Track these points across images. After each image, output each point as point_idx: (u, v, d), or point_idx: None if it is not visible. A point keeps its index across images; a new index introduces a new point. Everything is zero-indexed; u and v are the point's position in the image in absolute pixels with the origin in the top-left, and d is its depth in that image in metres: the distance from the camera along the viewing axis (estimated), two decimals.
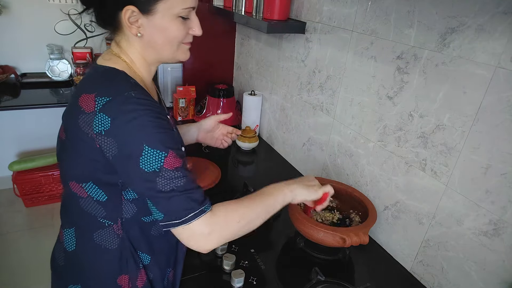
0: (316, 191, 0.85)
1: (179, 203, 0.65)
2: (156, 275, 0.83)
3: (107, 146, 0.64)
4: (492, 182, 0.80)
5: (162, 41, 0.72)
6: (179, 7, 0.69)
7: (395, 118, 1.02)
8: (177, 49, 0.75)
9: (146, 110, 0.64)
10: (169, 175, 0.64)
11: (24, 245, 2.13)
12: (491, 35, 0.75)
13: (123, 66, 0.73)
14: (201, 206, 0.66)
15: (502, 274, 0.80)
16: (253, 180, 1.35)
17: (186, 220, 0.65)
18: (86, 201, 0.73)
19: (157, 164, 0.63)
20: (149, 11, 0.68)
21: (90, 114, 0.63)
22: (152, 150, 0.63)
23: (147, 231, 0.80)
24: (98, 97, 0.63)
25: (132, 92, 0.64)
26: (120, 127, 0.62)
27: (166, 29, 0.70)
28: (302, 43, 1.40)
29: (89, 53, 2.40)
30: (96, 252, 0.76)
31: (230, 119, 1.84)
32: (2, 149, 2.47)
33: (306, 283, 0.91)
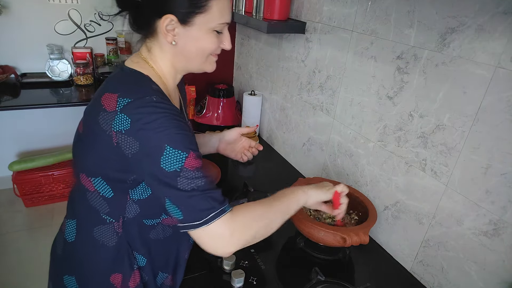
0: (328, 190, 0.86)
1: (199, 203, 0.65)
2: (150, 278, 0.83)
3: (126, 144, 0.65)
4: (492, 182, 0.80)
5: (194, 52, 0.75)
6: (216, 21, 0.72)
7: (395, 118, 1.02)
8: (206, 60, 0.78)
9: (166, 113, 0.65)
10: (189, 175, 0.64)
11: (24, 245, 2.13)
12: (491, 35, 0.75)
13: (149, 71, 0.75)
14: (222, 206, 0.66)
15: (502, 274, 0.80)
16: (253, 180, 1.35)
17: (206, 221, 0.64)
18: (92, 195, 0.75)
19: (178, 164, 0.64)
20: (187, 22, 0.70)
21: (111, 113, 0.65)
22: (173, 150, 0.64)
23: (146, 234, 0.80)
24: (120, 97, 0.65)
25: (154, 96, 0.66)
26: (142, 127, 0.64)
27: (200, 41, 0.73)
28: (302, 43, 1.40)
29: (89, 53, 2.40)
30: (94, 246, 0.77)
31: (230, 119, 1.84)
32: (2, 149, 2.47)
33: (306, 283, 0.91)
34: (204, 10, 0.69)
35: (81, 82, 2.33)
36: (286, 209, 0.78)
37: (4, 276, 1.89)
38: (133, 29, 0.77)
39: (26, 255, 2.04)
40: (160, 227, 0.82)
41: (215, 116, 1.82)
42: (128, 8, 0.74)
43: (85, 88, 2.33)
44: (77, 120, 0.78)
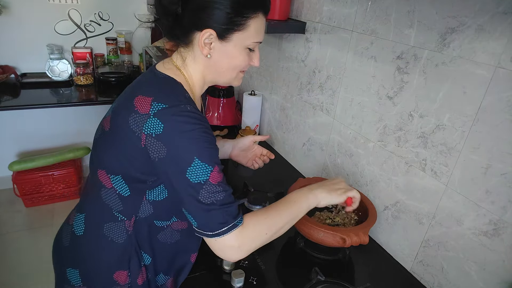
0: (339, 195, 0.84)
1: (215, 216, 0.68)
2: (152, 277, 0.84)
3: (154, 148, 0.66)
4: (492, 182, 0.80)
5: (227, 67, 0.77)
6: (251, 40, 0.75)
7: (395, 118, 1.02)
8: (235, 76, 0.80)
9: (199, 125, 0.67)
10: (212, 189, 0.67)
11: (24, 245, 2.13)
12: (491, 35, 0.75)
13: (182, 79, 0.76)
14: (234, 220, 0.69)
15: (502, 274, 0.80)
16: (253, 180, 1.35)
17: (219, 233, 0.68)
18: (108, 192, 0.76)
19: (204, 177, 0.66)
20: (225, 38, 0.72)
21: (144, 115, 0.66)
22: (201, 164, 0.66)
23: (154, 234, 0.82)
24: (154, 101, 0.67)
25: (188, 106, 0.68)
26: (174, 135, 0.65)
27: (234, 57, 0.76)
28: (302, 43, 1.40)
29: (89, 53, 2.40)
30: (102, 242, 0.78)
31: (231, 119, 1.84)
32: (2, 149, 2.47)
33: (306, 283, 0.91)
34: (243, 28, 0.72)
35: (81, 82, 2.34)
36: (295, 215, 0.79)
37: (4, 276, 1.89)
38: (167, 37, 0.79)
39: (26, 255, 2.04)
40: (169, 230, 0.83)
41: (215, 116, 1.82)
42: (167, 17, 0.74)
43: (85, 88, 2.34)
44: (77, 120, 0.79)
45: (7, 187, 2.50)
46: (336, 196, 0.84)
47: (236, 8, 0.69)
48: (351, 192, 0.86)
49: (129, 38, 2.57)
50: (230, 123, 1.84)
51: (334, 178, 0.90)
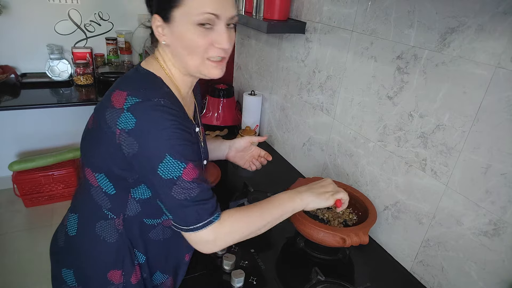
0: (327, 198, 0.82)
1: (189, 212, 0.67)
2: (147, 276, 0.84)
3: (127, 144, 0.65)
4: (492, 182, 0.80)
5: (183, 51, 0.71)
6: (196, 13, 0.66)
7: (395, 118, 1.02)
8: (201, 63, 0.72)
9: (172, 120, 0.65)
10: (184, 185, 0.66)
11: (24, 245, 2.13)
12: (491, 35, 0.75)
13: (162, 73, 0.75)
14: (210, 216, 0.69)
15: (502, 274, 0.80)
16: (253, 180, 1.34)
17: (194, 228, 0.68)
18: (96, 190, 0.76)
19: (175, 173, 0.65)
20: (169, 19, 0.69)
21: (118, 110, 0.65)
22: (173, 160, 0.65)
23: (146, 233, 0.81)
24: (129, 96, 0.65)
25: (162, 99, 0.66)
26: (145, 131, 0.64)
27: (183, 38, 0.69)
28: (302, 43, 1.40)
29: (89, 53, 2.40)
30: (95, 241, 0.78)
31: (230, 119, 1.84)
32: (2, 149, 2.47)
33: (306, 283, 0.91)
34: (180, 3, 0.66)
35: (81, 82, 2.34)
36: (278, 217, 0.78)
37: (4, 276, 1.89)
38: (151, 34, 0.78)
39: (26, 255, 2.04)
40: (160, 227, 0.83)
41: (215, 116, 1.82)
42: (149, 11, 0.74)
43: (85, 88, 2.34)
44: (77, 120, 0.79)
45: (7, 187, 2.49)
46: (324, 200, 0.81)
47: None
48: (339, 194, 0.83)
49: (129, 38, 2.57)
50: (230, 123, 1.84)
51: (322, 180, 0.88)
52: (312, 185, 0.85)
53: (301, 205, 0.80)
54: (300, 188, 0.83)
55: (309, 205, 0.81)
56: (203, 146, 0.88)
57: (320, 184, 0.86)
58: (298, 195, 0.80)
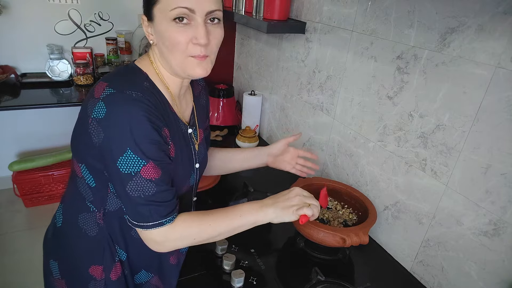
0: (292, 213, 0.76)
1: (141, 210, 0.68)
2: (128, 273, 0.83)
3: (96, 133, 0.66)
4: (492, 182, 0.80)
5: (165, 48, 0.70)
6: (168, 8, 0.65)
7: (395, 118, 1.02)
8: (183, 61, 0.70)
9: (142, 116, 0.64)
10: (141, 183, 0.66)
11: (24, 245, 2.13)
12: (491, 35, 0.75)
13: (151, 70, 0.75)
14: (162, 219, 0.69)
15: (502, 274, 0.80)
16: (253, 180, 1.34)
17: (142, 226, 0.69)
18: (80, 181, 0.76)
19: (134, 169, 0.65)
20: (151, 17, 0.69)
21: (96, 99, 0.65)
22: (133, 155, 0.65)
23: (127, 230, 0.79)
24: (107, 87, 0.66)
25: (134, 92, 0.65)
26: (112, 121, 0.64)
27: (163, 35, 0.68)
28: (302, 43, 1.40)
29: (89, 53, 2.40)
30: (77, 234, 0.78)
31: (230, 119, 1.84)
32: (2, 149, 2.47)
33: (306, 283, 0.91)
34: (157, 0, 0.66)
35: (81, 82, 2.33)
36: (235, 228, 0.76)
37: (4, 276, 1.89)
38: None
39: (26, 255, 2.04)
40: None
41: (215, 116, 1.82)
42: None
43: (85, 88, 2.33)
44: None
45: (7, 187, 2.49)
46: (288, 215, 0.76)
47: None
48: (303, 210, 0.76)
49: (129, 38, 2.57)
50: (230, 123, 1.84)
51: (289, 191, 0.80)
52: (278, 198, 0.79)
53: (264, 220, 0.76)
54: (266, 201, 0.79)
55: (273, 220, 0.76)
56: (197, 149, 0.86)
57: (286, 196, 0.79)
58: (263, 209, 0.76)
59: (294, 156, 1.04)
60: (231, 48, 2.03)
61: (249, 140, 1.62)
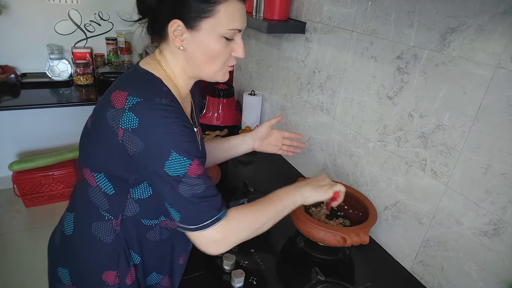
0: (326, 191, 0.85)
1: (197, 209, 0.67)
2: (141, 276, 0.84)
3: (131, 143, 0.66)
4: (492, 182, 0.80)
5: (203, 58, 0.73)
6: (225, 27, 0.70)
7: (395, 118, 1.02)
8: (220, 69, 0.76)
9: (175, 118, 0.66)
10: (191, 182, 0.66)
11: (24, 245, 2.13)
12: (491, 35, 0.75)
13: (161, 73, 0.75)
14: (218, 213, 0.69)
15: (502, 274, 0.80)
16: (253, 180, 1.35)
17: (201, 227, 0.68)
18: (94, 191, 0.75)
19: (182, 170, 0.65)
20: (194, 27, 0.70)
21: (119, 110, 0.65)
22: (179, 157, 0.65)
23: (143, 233, 0.81)
24: (130, 96, 0.65)
25: (163, 99, 0.67)
26: (149, 129, 0.64)
27: (207, 47, 0.71)
28: (302, 43, 1.40)
29: (89, 53, 2.40)
30: (91, 242, 0.78)
31: (230, 119, 1.84)
32: (2, 149, 2.47)
33: (306, 283, 0.91)
34: (211, 15, 0.68)
35: (81, 82, 2.34)
36: (280, 212, 0.79)
37: (4, 276, 1.89)
38: (149, 33, 0.78)
39: (26, 255, 2.04)
40: (157, 228, 0.83)
41: (215, 116, 1.82)
42: (146, 14, 0.74)
43: (85, 88, 2.34)
44: (77, 120, 0.79)
45: (7, 187, 2.49)
46: (323, 193, 0.84)
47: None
48: (337, 187, 0.87)
49: (129, 38, 2.57)
50: (230, 123, 1.84)
51: (318, 175, 0.91)
52: (310, 181, 0.87)
53: (301, 199, 0.82)
54: (299, 183, 0.85)
55: (309, 198, 0.83)
56: (200, 146, 0.88)
57: (317, 179, 0.89)
58: (297, 189, 0.82)
59: (279, 138, 1.09)
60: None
61: None
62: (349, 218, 1.11)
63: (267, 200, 0.79)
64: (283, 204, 0.79)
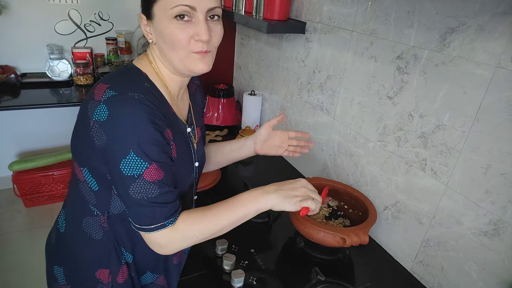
0: (294, 203, 0.74)
1: (144, 212, 0.67)
2: (135, 275, 0.83)
3: (98, 135, 0.65)
4: (492, 182, 0.80)
5: (166, 46, 0.70)
6: (170, 5, 0.66)
7: (395, 118, 1.02)
8: (186, 57, 0.71)
9: (144, 117, 0.64)
10: (144, 185, 0.66)
11: (24, 245, 2.13)
12: (491, 35, 0.75)
13: (150, 70, 0.74)
14: (165, 221, 0.68)
15: (502, 274, 0.80)
16: (253, 180, 1.34)
17: (145, 229, 0.68)
18: (82, 185, 0.75)
19: (137, 171, 0.65)
20: (150, 16, 0.69)
21: (96, 102, 0.65)
22: (136, 158, 0.64)
23: (132, 232, 0.79)
24: (108, 89, 0.65)
25: (136, 94, 0.65)
26: (115, 124, 0.64)
27: (164, 33, 0.68)
28: (302, 43, 1.40)
29: (89, 53, 2.40)
30: (82, 238, 0.78)
31: (230, 119, 1.84)
32: (2, 149, 2.47)
33: (306, 283, 0.91)
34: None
35: (81, 82, 2.34)
36: (238, 219, 0.74)
37: (4, 276, 1.89)
38: None
39: (26, 255, 2.04)
40: None
41: (215, 116, 1.82)
42: None
43: (85, 88, 2.33)
44: None
45: (7, 187, 2.49)
46: (290, 204, 0.74)
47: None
48: (307, 202, 0.74)
49: (129, 38, 2.57)
50: (230, 123, 1.84)
51: (295, 181, 0.79)
52: (283, 185, 0.78)
53: (266, 206, 0.75)
54: (268, 187, 0.77)
55: (275, 206, 0.75)
56: (195, 147, 0.86)
57: (292, 185, 0.78)
58: (263, 195, 0.75)
59: (285, 139, 1.01)
60: (231, 48, 2.03)
61: None
62: (349, 218, 1.11)
63: (226, 206, 0.74)
64: (242, 212, 0.74)
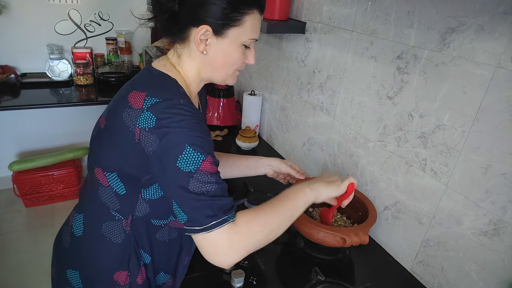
0: (339, 186, 0.83)
1: (204, 208, 0.65)
2: (151, 276, 0.84)
3: (148, 141, 0.66)
4: (492, 182, 0.80)
5: (222, 64, 0.77)
6: (247, 36, 0.74)
7: (395, 118, 1.02)
8: (232, 74, 0.80)
9: (192, 116, 0.67)
10: (202, 178, 0.65)
11: (24, 245, 2.13)
12: (491, 35, 0.75)
13: (176, 75, 0.77)
14: (225, 215, 0.66)
15: (502, 274, 0.80)
16: (253, 180, 1.34)
17: (207, 227, 0.64)
18: (105, 191, 0.76)
19: (194, 165, 0.65)
20: (221, 34, 0.72)
21: (137, 110, 0.66)
22: (193, 151, 0.65)
23: (153, 234, 0.82)
24: (148, 96, 0.67)
25: (181, 99, 0.68)
26: (166, 126, 0.65)
27: (230, 54, 0.75)
28: (302, 43, 1.40)
29: (89, 53, 2.40)
30: (101, 242, 0.78)
31: (230, 119, 1.84)
32: (2, 149, 2.47)
33: (306, 283, 0.91)
34: (239, 24, 0.72)
35: (81, 82, 2.34)
36: (292, 212, 0.76)
37: (4, 276, 1.90)
38: (164, 33, 0.79)
39: (26, 255, 2.04)
40: (166, 228, 0.83)
41: (215, 116, 1.82)
42: (164, 14, 0.74)
43: (85, 88, 2.34)
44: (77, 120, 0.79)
45: (7, 187, 2.50)
46: (335, 187, 0.82)
47: (232, 3, 0.70)
48: (348, 179, 0.85)
49: (129, 38, 2.57)
50: (230, 123, 1.84)
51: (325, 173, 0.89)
52: (317, 178, 0.86)
53: (313, 195, 0.79)
54: (309, 181, 0.83)
55: (322, 195, 0.80)
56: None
57: (324, 175, 0.88)
58: (308, 185, 0.80)
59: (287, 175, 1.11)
60: None
61: (249, 140, 1.62)
62: (349, 218, 1.11)
63: (277, 201, 0.75)
64: (295, 203, 0.76)
